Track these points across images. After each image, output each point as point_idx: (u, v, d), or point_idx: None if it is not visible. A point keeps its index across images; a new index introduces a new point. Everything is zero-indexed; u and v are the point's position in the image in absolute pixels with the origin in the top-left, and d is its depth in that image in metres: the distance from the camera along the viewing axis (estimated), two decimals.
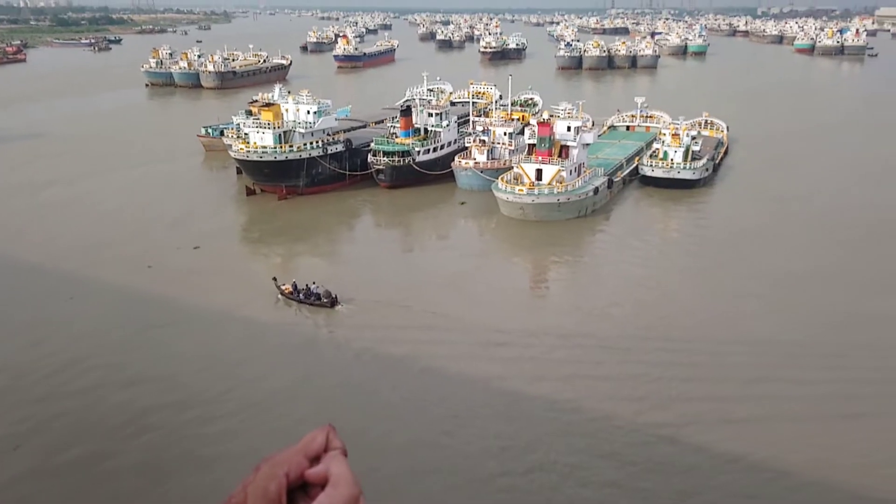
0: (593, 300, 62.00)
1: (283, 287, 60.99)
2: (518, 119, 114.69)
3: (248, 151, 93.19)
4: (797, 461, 39.36)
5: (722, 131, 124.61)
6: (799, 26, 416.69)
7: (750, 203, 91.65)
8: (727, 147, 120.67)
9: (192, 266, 68.49)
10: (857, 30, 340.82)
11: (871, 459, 39.74)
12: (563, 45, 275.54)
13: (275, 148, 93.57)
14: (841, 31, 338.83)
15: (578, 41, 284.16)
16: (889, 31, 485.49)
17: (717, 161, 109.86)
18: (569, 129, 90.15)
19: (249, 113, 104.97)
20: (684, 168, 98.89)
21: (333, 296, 59.16)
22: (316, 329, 56.66)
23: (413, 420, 43.82)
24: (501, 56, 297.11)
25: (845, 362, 50.52)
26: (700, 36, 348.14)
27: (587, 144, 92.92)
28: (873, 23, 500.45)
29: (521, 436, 41.96)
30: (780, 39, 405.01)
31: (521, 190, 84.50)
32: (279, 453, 3.21)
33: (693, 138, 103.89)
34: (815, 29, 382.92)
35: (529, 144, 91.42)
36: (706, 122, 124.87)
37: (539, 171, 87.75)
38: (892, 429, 42.64)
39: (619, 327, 55.97)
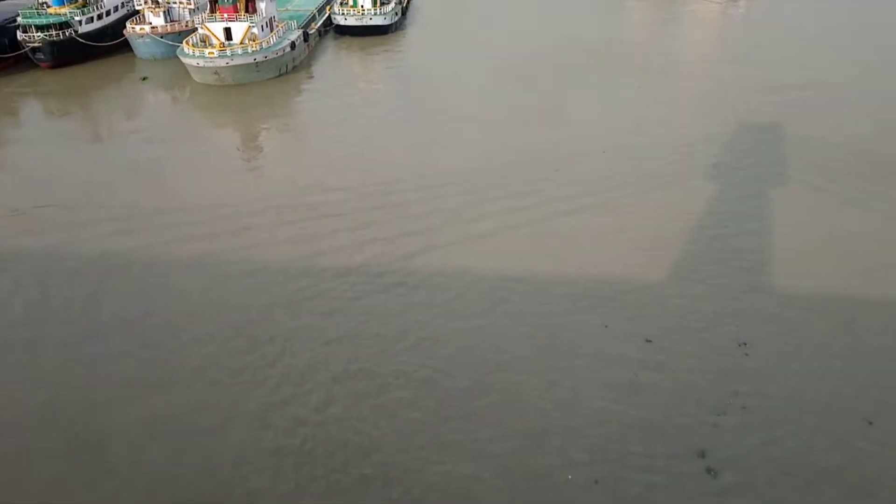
0: (310, 164, 60.06)
1: None
2: None
3: None
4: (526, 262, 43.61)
5: None
6: None
7: (441, 47, 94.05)
8: None
9: None
10: None
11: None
12: None
13: None
14: None
15: None
16: None
17: (404, 5, 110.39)
18: None
19: None
20: (375, 14, 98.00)
21: None
22: None
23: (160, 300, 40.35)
24: None
25: (544, 181, 55.86)
26: None
27: None
28: None
29: (258, 300, 40.90)
30: None
31: (212, 53, 77.72)
32: None
33: None
34: None
35: (211, 1, 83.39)
36: None
37: (228, 30, 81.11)
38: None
39: (342, 187, 55.15)
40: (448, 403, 33.13)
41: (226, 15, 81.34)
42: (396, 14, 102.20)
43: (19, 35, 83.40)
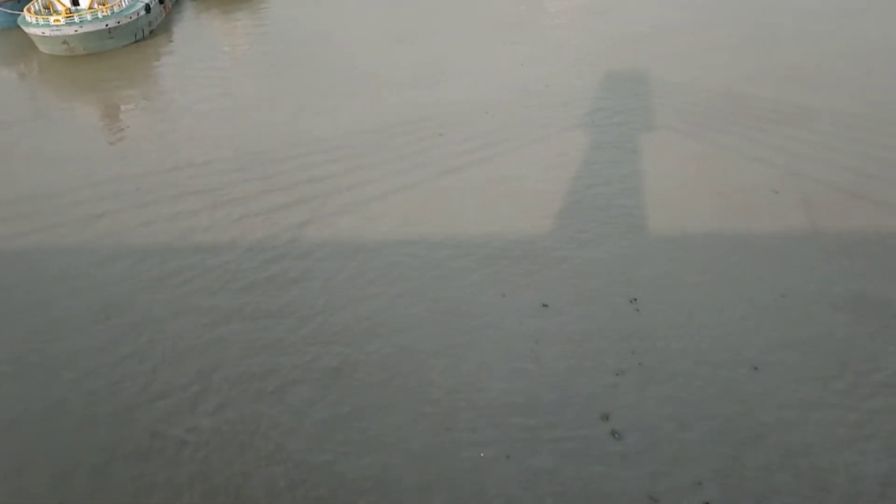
0: (176, 140, 56.27)
1: None
2: None
3: None
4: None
5: None
6: None
7: (308, 6, 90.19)
8: None
9: None
10: None
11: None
12: None
13: None
14: None
15: None
16: None
17: None
18: None
19: None
20: None
21: None
22: None
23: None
24: None
25: (427, 144, 55.23)
26: None
27: None
28: None
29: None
30: None
31: (58, 20, 71.16)
32: None
33: None
34: None
35: None
36: None
37: None
38: None
39: (214, 162, 52.36)
40: (352, 392, 32.41)
41: None
42: None
43: None
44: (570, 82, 65.90)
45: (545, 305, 37.50)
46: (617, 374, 33.12)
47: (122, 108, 64.54)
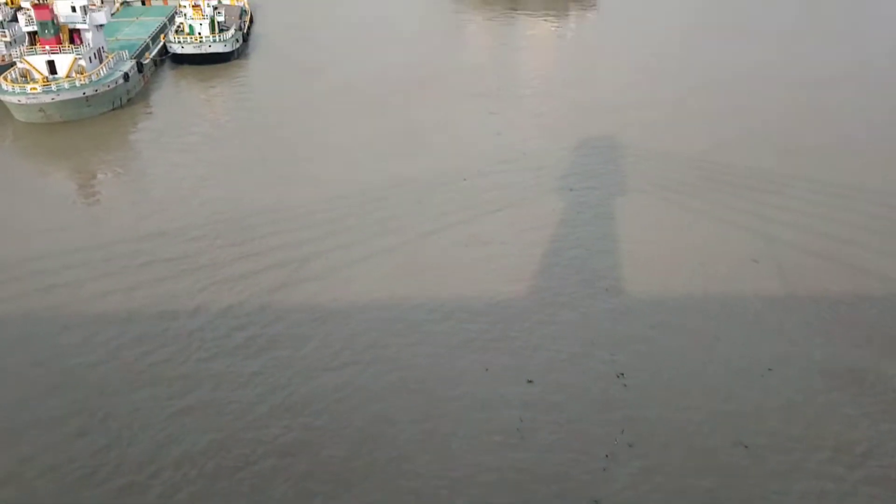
0: (149, 211, 55.02)
1: None
2: (7, 3, 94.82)
3: None
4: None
5: None
6: None
7: (287, 75, 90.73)
8: (251, 15, 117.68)
9: None
10: None
11: None
12: None
13: None
14: None
15: None
16: None
17: (245, 30, 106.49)
18: (74, 9, 77.16)
19: None
20: (215, 41, 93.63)
21: None
22: None
23: None
24: None
25: (405, 212, 55.06)
26: None
27: (101, 25, 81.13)
28: None
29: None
30: None
31: (35, 88, 70.99)
32: None
33: (215, 8, 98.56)
34: None
35: (29, 33, 76.43)
36: None
37: (51, 63, 74.45)
38: None
39: (187, 232, 51.41)
40: (321, 471, 30.94)
41: (48, 47, 74.72)
42: (237, 41, 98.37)
43: None
44: (545, 149, 66.45)
45: (530, 381, 36.43)
46: (607, 456, 31.95)
47: (96, 176, 63.68)
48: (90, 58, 76.42)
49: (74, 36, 77.07)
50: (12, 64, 77.14)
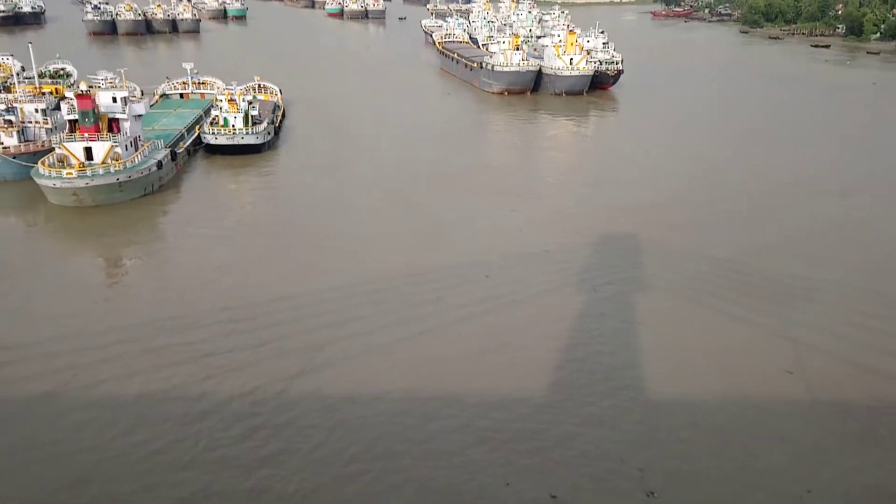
0: (172, 298, 55.05)
1: None
2: (51, 93, 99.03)
3: None
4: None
5: (276, 94, 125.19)
6: None
7: (316, 168, 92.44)
8: (284, 109, 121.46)
9: None
10: None
11: None
12: (90, 7, 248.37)
13: None
14: None
15: (108, 3, 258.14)
16: None
17: (277, 124, 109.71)
18: (115, 99, 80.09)
19: None
20: (247, 133, 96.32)
21: None
22: None
23: None
24: (15, 21, 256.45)
25: (427, 304, 54.69)
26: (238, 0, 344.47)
27: (139, 116, 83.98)
28: None
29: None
30: (312, 4, 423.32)
31: (71, 173, 72.89)
32: None
33: (250, 103, 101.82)
34: None
35: (70, 121, 79.19)
36: (259, 85, 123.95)
37: (88, 150, 76.60)
38: None
39: (208, 319, 51.55)
40: None
41: (86, 134, 77.21)
42: (269, 133, 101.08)
43: None
44: (568, 247, 66.15)
45: (554, 497, 34.72)
46: None
47: (121, 261, 64.25)
48: (126, 146, 78.59)
49: (113, 125, 79.49)
50: (51, 150, 79.60)
